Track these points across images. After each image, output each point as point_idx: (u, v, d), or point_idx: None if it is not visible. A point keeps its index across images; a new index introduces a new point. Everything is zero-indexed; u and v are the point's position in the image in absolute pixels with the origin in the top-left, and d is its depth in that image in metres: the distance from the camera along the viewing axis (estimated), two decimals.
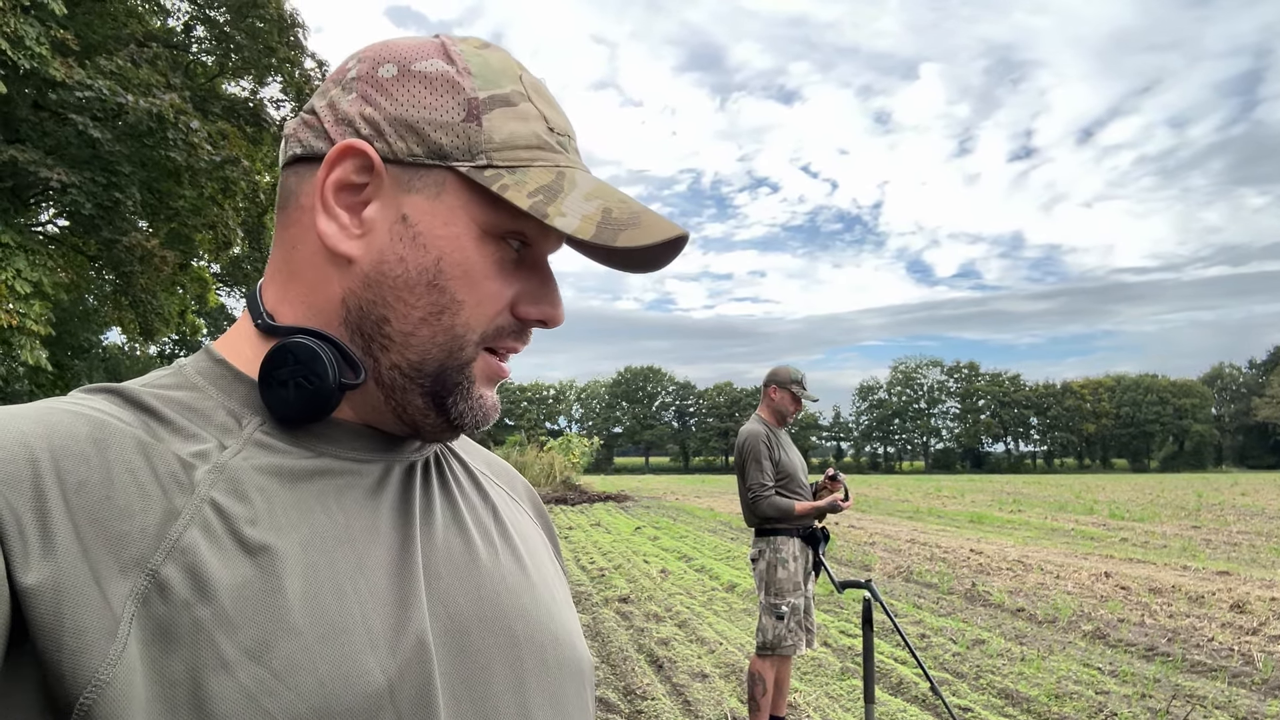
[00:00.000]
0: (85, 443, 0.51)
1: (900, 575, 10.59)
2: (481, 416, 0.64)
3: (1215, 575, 10.47)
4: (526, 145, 0.61)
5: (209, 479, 0.54)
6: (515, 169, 0.60)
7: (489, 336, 0.63)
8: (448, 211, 0.60)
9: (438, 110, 0.60)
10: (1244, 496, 27.85)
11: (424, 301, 0.60)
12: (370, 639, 0.54)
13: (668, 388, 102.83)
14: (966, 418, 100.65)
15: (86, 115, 11.44)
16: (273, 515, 0.55)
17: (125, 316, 16.72)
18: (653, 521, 18.73)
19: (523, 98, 0.63)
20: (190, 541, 0.51)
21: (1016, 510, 22.21)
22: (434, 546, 0.63)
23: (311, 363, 0.58)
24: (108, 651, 0.46)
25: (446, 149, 0.60)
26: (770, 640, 4.35)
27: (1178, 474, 71.82)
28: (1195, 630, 7.31)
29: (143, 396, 0.57)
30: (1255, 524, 17.49)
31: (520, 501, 0.81)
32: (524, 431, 46.62)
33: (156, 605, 0.48)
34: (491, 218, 0.60)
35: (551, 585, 0.72)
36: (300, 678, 0.50)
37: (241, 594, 0.51)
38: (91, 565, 0.47)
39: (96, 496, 0.49)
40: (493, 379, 0.65)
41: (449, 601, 0.60)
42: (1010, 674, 5.96)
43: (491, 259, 0.61)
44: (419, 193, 0.60)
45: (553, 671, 0.65)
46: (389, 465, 0.64)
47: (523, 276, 0.64)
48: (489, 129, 0.60)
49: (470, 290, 0.61)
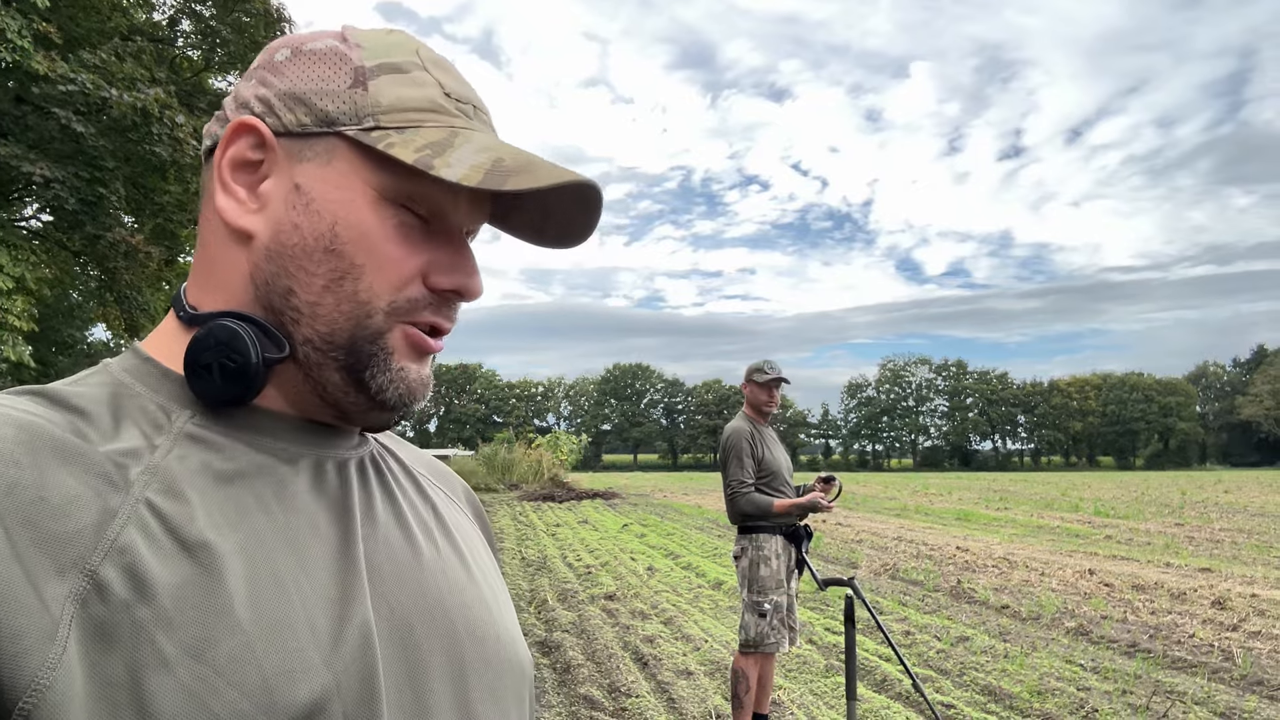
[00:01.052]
0: (13, 445, 0.50)
1: (886, 572, 10.63)
2: (405, 391, 0.63)
3: (1197, 572, 10.55)
4: (418, 108, 0.61)
5: (143, 478, 0.53)
6: (404, 129, 0.60)
7: (400, 308, 0.61)
8: (339, 176, 0.60)
9: (324, 80, 0.61)
10: (1227, 494, 28.08)
11: (324, 269, 0.60)
12: (314, 635, 0.53)
13: (656, 385, 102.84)
14: (954, 416, 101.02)
15: (70, 110, 11.35)
16: (210, 513, 0.54)
17: (110, 313, 16.61)
18: (640, 519, 18.74)
19: (416, 67, 0.63)
20: (128, 541, 0.50)
21: (1003, 508, 22.34)
22: (376, 543, 0.62)
23: (232, 341, 0.58)
24: (47, 655, 0.45)
25: (333, 115, 0.60)
26: (752, 638, 4.36)
27: (1163, 471, 72.34)
28: (1176, 627, 7.38)
29: (69, 397, 0.57)
30: (1238, 521, 17.64)
31: (458, 501, 0.82)
32: (512, 428, 46.54)
33: (95, 606, 0.48)
34: (384, 180, 0.60)
35: (492, 584, 0.73)
36: (243, 674, 0.49)
37: (181, 593, 0.50)
38: (25, 568, 0.46)
39: (28, 498, 0.48)
40: (418, 352, 0.63)
41: (391, 597, 0.60)
42: (993, 671, 5.99)
43: (390, 223, 0.61)
44: (310, 161, 0.61)
45: (494, 668, 0.65)
46: (326, 460, 0.64)
47: (433, 246, 0.63)
48: (375, 93, 0.60)
49: (369, 254, 0.60)
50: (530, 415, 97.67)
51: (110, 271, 14.32)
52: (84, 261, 15.90)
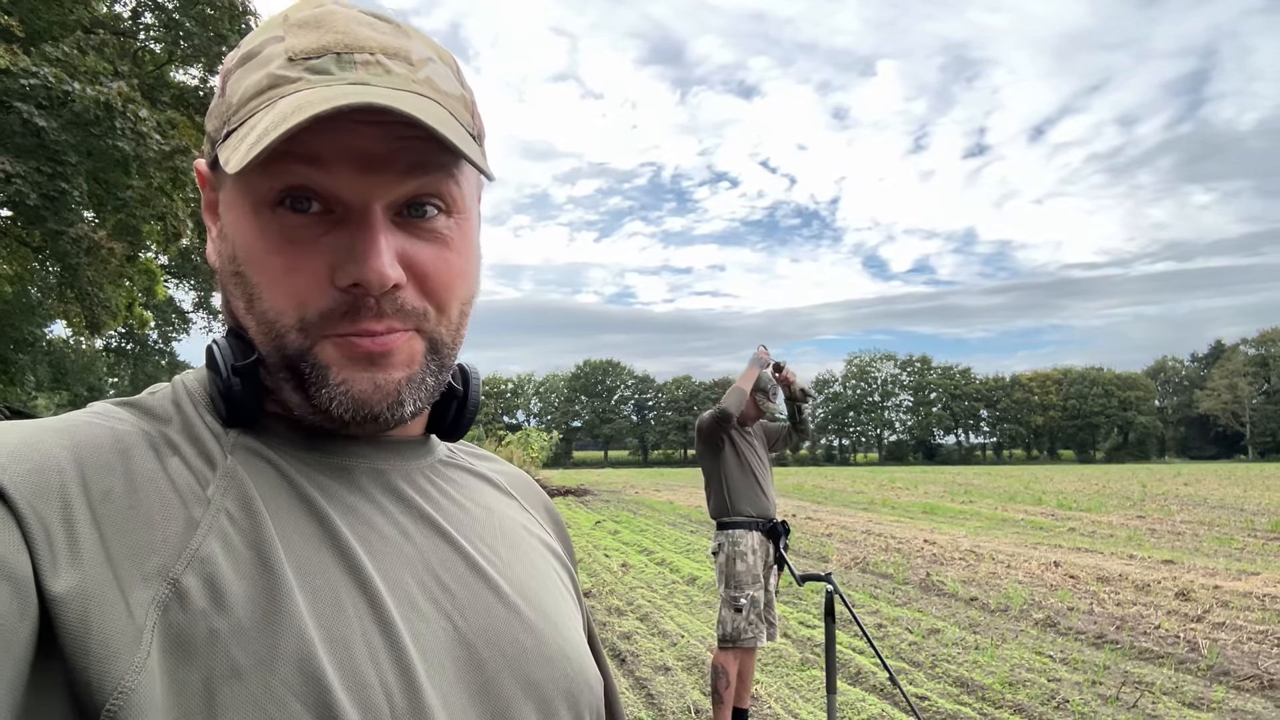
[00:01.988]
0: (110, 453, 0.52)
1: (857, 566, 10.73)
2: (353, 403, 0.57)
3: (1160, 564, 10.77)
4: (256, 93, 0.56)
5: (221, 487, 0.55)
6: (241, 125, 0.56)
7: (313, 323, 0.56)
8: (231, 198, 0.59)
9: (216, 99, 0.61)
10: (1186, 487, 28.63)
11: (239, 292, 0.59)
12: (371, 652, 0.54)
13: (626, 381, 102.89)
14: (919, 410, 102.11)
15: (31, 103, 11.09)
16: (278, 525, 0.55)
17: (71, 309, 16.31)
18: (613, 515, 18.76)
19: (274, 41, 0.58)
20: (209, 552, 0.52)
21: (968, 501, 22.62)
22: (435, 559, 0.62)
23: (211, 360, 0.60)
24: (133, 659, 0.46)
25: (213, 135, 0.61)
26: (730, 633, 4.39)
27: (1122, 465, 73.62)
28: (1142, 618, 7.53)
29: (155, 408, 0.59)
30: (1198, 514, 18.00)
31: (534, 512, 0.80)
32: (482, 426, 46.32)
33: (176, 614, 0.49)
34: (248, 186, 0.56)
35: (559, 599, 0.71)
36: (308, 688, 0.50)
37: (254, 604, 0.51)
38: (116, 573, 0.48)
39: (121, 506, 0.50)
40: (359, 361, 0.57)
41: (454, 614, 0.60)
42: (965, 663, 6.09)
43: (271, 231, 0.56)
44: (222, 188, 0.61)
45: (559, 686, 0.64)
46: (388, 474, 0.64)
47: (335, 241, 0.56)
48: (230, 95, 0.59)
49: (259, 270, 0.57)
50: (500, 413, 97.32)
51: (71, 268, 14.05)
52: (44, 257, 15.60)
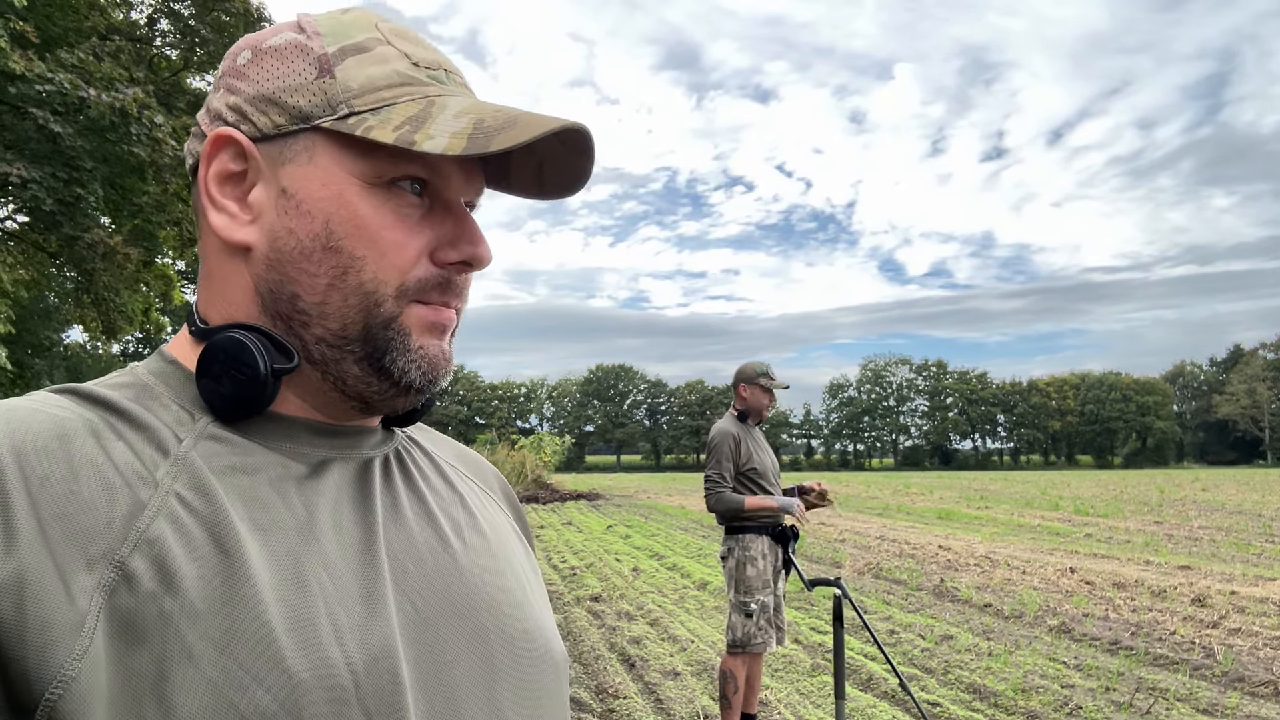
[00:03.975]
0: (48, 438, 0.51)
1: (870, 572, 10.68)
2: (428, 368, 0.62)
3: (1177, 570, 10.66)
4: (389, 85, 0.60)
5: (172, 472, 0.54)
6: (379, 109, 0.58)
7: (410, 290, 0.61)
8: (323, 172, 0.59)
9: (291, 76, 0.60)
10: (1205, 492, 28.37)
11: (325, 267, 0.59)
12: (336, 633, 0.53)
13: (639, 386, 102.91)
14: (934, 415, 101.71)
15: (47, 110, 11.20)
16: (236, 509, 0.55)
17: (87, 315, 16.42)
18: (624, 520, 18.74)
19: (379, 42, 0.62)
20: (158, 533, 0.51)
21: (984, 507, 22.48)
22: (400, 541, 0.62)
23: (239, 354, 0.58)
24: (73, 646, 0.45)
25: (306, 110, 0.59)
26: (739, 638, 4.36)
27: (1140, 470, 73.02)
28: (1158, 624, 7.44)
29: (101, 395, 0.58)
30: (1216, 519, 17.82)
31: (492, 493, 0.81)
32: (495, 430, 46.43)
33: (123, 597, 0.48)
34: (369, 166, 0.59)
35: (523, 578, 0.72)
36: (266, 670, 0.49)
37: (208, 586, 0.50)
38: (56, 560, 0.47)
39: (61, 491, 0.49)
40: (435, 329, 0.63)
41: (416, 595, 0.60)
42: (978, 669, 6.03)
43: (386, 208, 0.60)
44: (292, 162, 0.60)
45: (524, 665, 0.65)
46: (350, 460, 0.64)
47: (434, 223, 0.62)
48: (344, 79, 0.59)
49: (369, 245, 0.59)
50: (513, 417, 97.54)
51: (87, 273, 14.15)
52: (61, 263, 15.71)
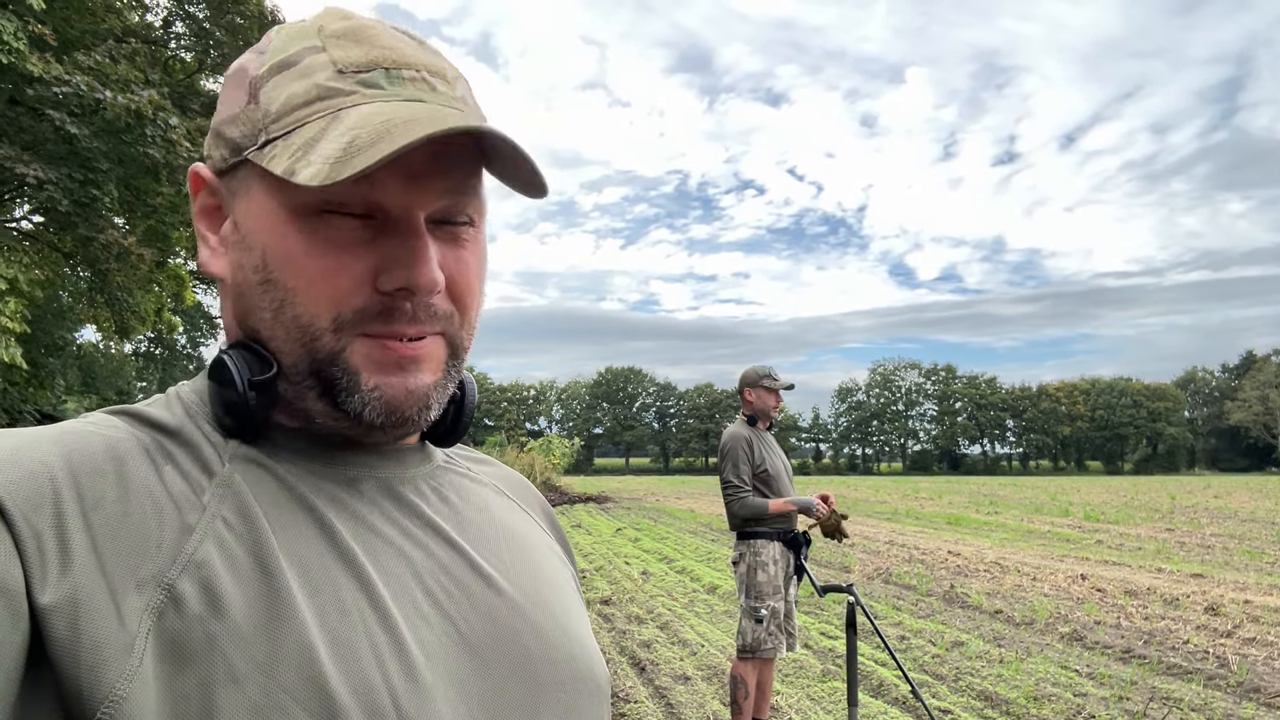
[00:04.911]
0: (103, 460, 0.52)
1: (879, 577, 10.65)
2: (385, 407, 0.59)
3: (1189, 578, 10.59)
4: (305, 102, 0.57)
5: (218, 495, 0.55)
6: (290, 132, 0.57)
7: (348, 321, 0.58)
8: (257, 205, 0.59)
9: (230, 105, 0.61)
10: (1216, 499, 28.20)
11: (265, 300, 0.59)
12: (376, 656, 0.53)
13: (648, 389, 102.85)
14: (944, 420, 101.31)
15: (64, 111, 11.29)
16: (278, 532, 0.55)
17: (100, 314, 16.56)
18: (633, 523, 18.73)
19: (314, 51, 0.59)
20: (205, 556, 0.52)
21: (993, 512, 22.38)
22: (439, 564, 0.62)
23: (220, 372, 0.59)
24: (124, 666, 0.46)
25: (238, 141, 0.59)
26: (750, 643, 4.36)
27: (1151, 476, 72.67)
28: (1170, 632, 7.40)
29: (151, 416, 0.59)
30: (1228, 526, 17.71)
31: (533, 514, 0.80)
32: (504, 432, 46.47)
33: (171, 619, 0.49)
34: (293, 194, 0.56)
35: (566, 601, 0.71)
36: (309, 693, 0.50)
37: (253, 609, 0.51)
38: (109, 581, 0.48)
39: (114, 513, 0.50)
40: (390, 366, 0.59)
41: (458, 620, 0.60)
42: (989, 676, 6.01)
43: (316, 236, 0.57)
44: (240, 195, 0.61)
45: (568, 689, 0.64)
46: (389, 481, 0.64)
47: (380, 245, 0.58)
48: (265, 102, 0.58)
49: (297, 275, 0.57)
50: (522, 419, 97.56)
51: (102, 273, 14.27)
52: (75, 263, 15.83)
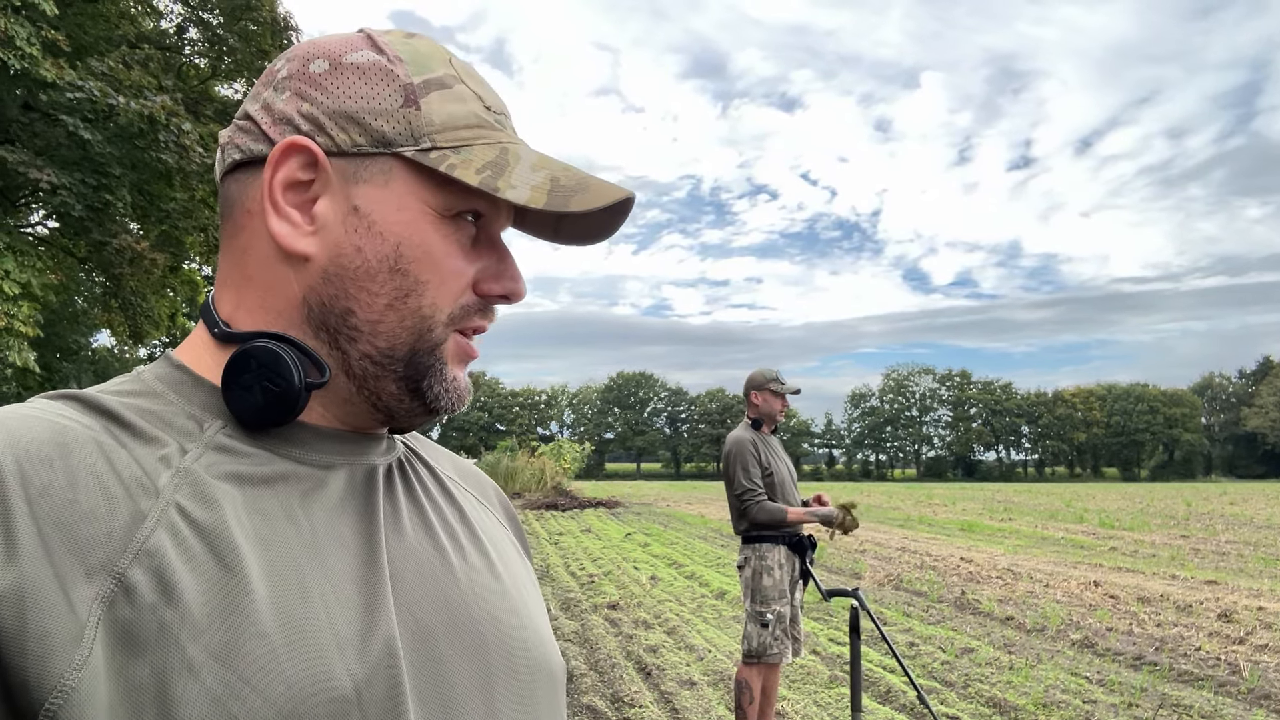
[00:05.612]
0: (48, 447, 0.51)
1: (890, 583, 10.59)
2: (456, 398, 0.66)
3: (1203, 584, 10.49)
4: (467, 125, 0.62)
5: (174, 482, 0.54)
6: (460, 148, 0.61)
7: (456, 317, 0.64)
8: (399, 197, 0.61)
9: (375, 99, 0.61)
10: (1233, 506, 27.95)
11: (388, 288, 0.61)
12: (337, 643, 0.53)
13: (660, 394, 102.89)
14: (958, 426, 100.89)
15: (77, 116, 11.39)
16: (238, 520, 0.54)
17: (114, 319, 16.67)
18: (643, 528, 18.69)
19: (456, 80, 0.64)
20: (157, 544, 0.50)
21: (1007, 519, 22.24)
22: (401, 552, 0.63)
23: (275, 365, 0.58)
24: (73, 657, 0.45)
25: (389, 136, 0.61)
26: (755, 648, 4.34)
27: (1167, 483, 72.03)
28: (1183, 639, 7.33)
29: (104, 401, 0.57)
30: (1244, 534, 17.55)
31: (489, 505, 0.81)
32: (515, 437, 46.54)
33: (123, 608, 0.48)
34: (443, 198, 0.62)
35: (522, 589, 0.72)
36: (267, 681, 0.49)
37: (208, 597, 0.50)
38: (56, 570, 0.47)
39: (61, 501, 0.49)
40: (464, 359, 0.66)
41: (416, 607, 0.60)
42: (998, 683, 5.96)
43: (451, 239, 0.63)
44: (367, 182, 0.61)
45: (523, 676, 0.65)
46: (354, 469, 0.64)
47: (480, 254, 0.65)
48: (428, 112, 0.61)
49: (433, 271, 0.62)
50: (533, 423, 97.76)
51: (115, 277, 14.38)
52: (89, 267, 15.96)
